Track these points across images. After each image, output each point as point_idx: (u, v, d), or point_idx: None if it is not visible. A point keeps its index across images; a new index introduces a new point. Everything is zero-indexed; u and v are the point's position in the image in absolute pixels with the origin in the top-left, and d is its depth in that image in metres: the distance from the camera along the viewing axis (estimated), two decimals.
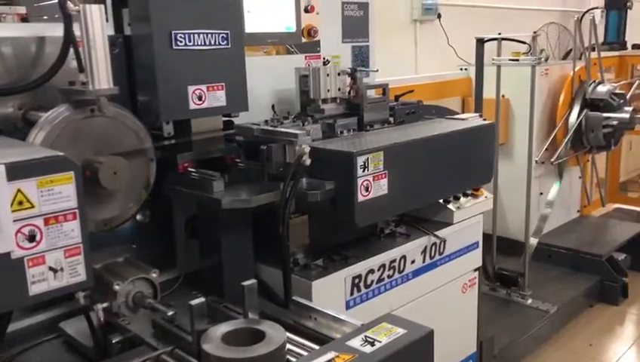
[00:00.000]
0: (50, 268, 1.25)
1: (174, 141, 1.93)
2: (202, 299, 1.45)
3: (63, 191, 1.25)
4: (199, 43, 1.82)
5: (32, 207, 1.21)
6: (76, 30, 1.62)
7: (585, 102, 4.17)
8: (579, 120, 4.10)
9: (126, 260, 1.81)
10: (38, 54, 1.77)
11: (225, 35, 1.86)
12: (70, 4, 1.58)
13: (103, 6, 1.60)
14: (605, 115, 4.09)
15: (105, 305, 1.63)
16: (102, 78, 1.61)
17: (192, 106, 1.83)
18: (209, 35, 1.83)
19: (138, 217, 1.95)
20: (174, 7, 1.77)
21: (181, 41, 1.78)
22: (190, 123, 1.94)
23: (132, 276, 1.67)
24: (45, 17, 2.00)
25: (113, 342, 1.64)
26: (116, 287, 1.64)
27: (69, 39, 1.63)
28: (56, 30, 1.67)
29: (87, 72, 1.60)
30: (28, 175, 1.20)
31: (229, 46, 1.88)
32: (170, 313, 1.59)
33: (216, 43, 1.85)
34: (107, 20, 1.72)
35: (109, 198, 1.69)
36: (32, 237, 1.22)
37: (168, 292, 1.97)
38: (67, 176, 1.25)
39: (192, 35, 1.80)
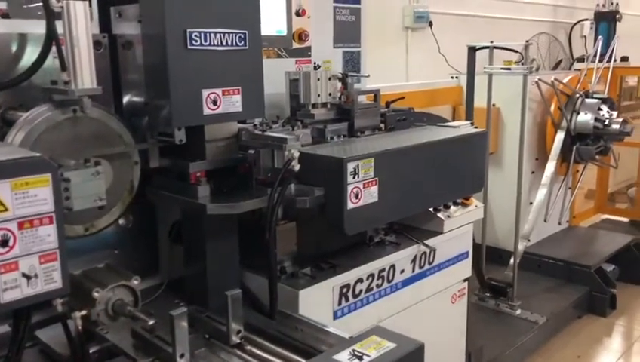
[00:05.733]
0: (24, 275, 1.20)
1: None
2: (184, 309, 1.39)
3: (39, 193, 1.19)
4: (215, 43, 1.70)
5: (6, 210, 1.15)
6: (59, 28, 1.56)
7: (575, 112, 4.17)
8: (568, 125, 4.10)
9: (107, 266, 1.76)
10: (19, 52, 1.72)
11: (242, 36, 1.75)
12: (53, 1, 1.52)
13: (87, 3, 1.55)
14: (595, 124, 4.09)
15: (83, 312, 1.57)
16: (85, 77, 1.56)
17: (206, 111, 1.71)
18: (226, 35, 1.71)
19: (121, 222, 1.90)
20: (190, 4, 1.66)
21: (196, 41, 1.66)
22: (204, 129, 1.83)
23: (112, 283, 1.62)
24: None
25: (91, 351, 1.58)
26: (95, 294, 1.58)
27: (51, 36, 1.57)
28: (38, 27, 1.61)
29: (69, 71, 1.55)
30: (1, 176, 1.14)
31: (247, 47, 1.77)
32: (150, 322, 1.53)
33: (234, 43, 1.73)
34: (92, 19, 1.67)
35: None
36: (4, 242, 1.16)
37: (150, 299, 1.91)
38: (44, 178, 1.19)
39: (208, 35, 1.68)
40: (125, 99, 1.90)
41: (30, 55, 1.70)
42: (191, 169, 1.81)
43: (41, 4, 1.53)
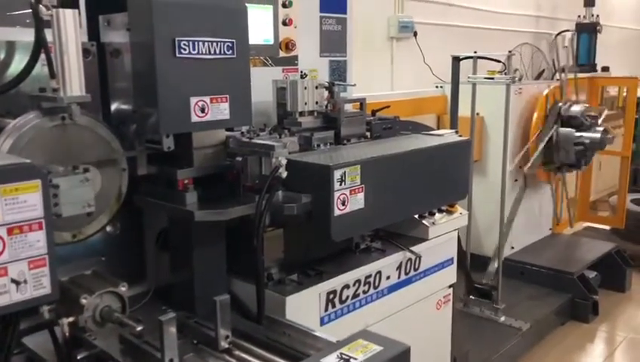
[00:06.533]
0: (13, 281, 1.20)
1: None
2: (173, 314, 1.40)
3: (29, 199, 1.20)
4: (204, 51, 1.71)
5: None
6: (48, 36, 1.57)
7: (558, 121, 4.24)
8: (550, 133, 4.17)
9: (94, 273, 1.75)
10: (7, 59, 1.72)
11: (230, 44, 1.77)
12: (43, 9, 1.53)
13: (76, 11, 1.56)
14: (577, 133, 4.17)
15: (71, 319, 1.57)
16: (74, 84, 1.56)
17: (195, 119, 1.72)
18: (214, 44, 1.73)
19: (108, 229, 1.89)
20: (178, 13, 1.67)
21: (185, 49, 1.67)
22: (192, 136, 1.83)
23: (100, 289, 1.62)
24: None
25: (78, 357, 1.58)
26: (83, 301, 1.58)
27: (40, 44, 1.58)
28: (26, 35, 1.62)
29: (58, 79, 1.55)
30: None
31: (234, 55, 1.79)
32: (138, 328, 1.53)
33: (222, 52, 1.75)
34: (80, 26, 1.68)
35: None
36: None
37: (138, 306, 1.91)
38: (33, 184, 1.20)
39: (196, 43, 1.69)
40: (113, 106, 1.91)
41: (18, 63, 1.70)
42: (179, 176, 1.82)
43: (28, 11, 1.54)
